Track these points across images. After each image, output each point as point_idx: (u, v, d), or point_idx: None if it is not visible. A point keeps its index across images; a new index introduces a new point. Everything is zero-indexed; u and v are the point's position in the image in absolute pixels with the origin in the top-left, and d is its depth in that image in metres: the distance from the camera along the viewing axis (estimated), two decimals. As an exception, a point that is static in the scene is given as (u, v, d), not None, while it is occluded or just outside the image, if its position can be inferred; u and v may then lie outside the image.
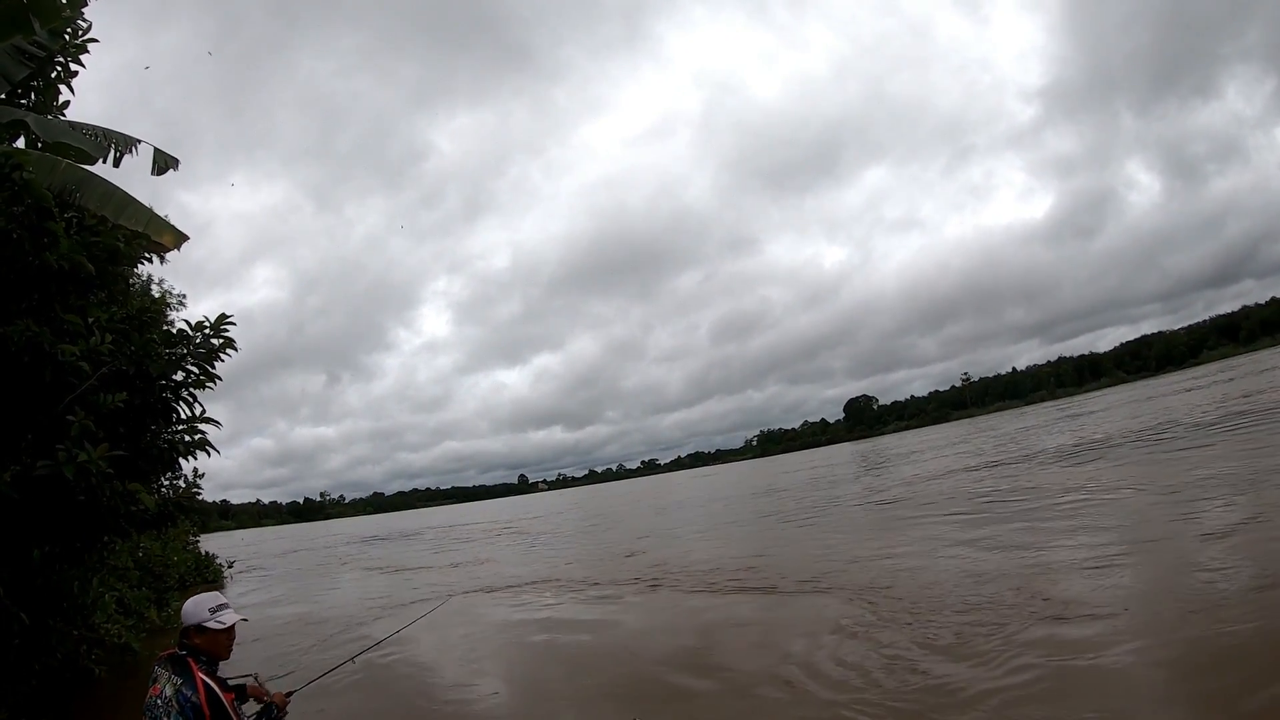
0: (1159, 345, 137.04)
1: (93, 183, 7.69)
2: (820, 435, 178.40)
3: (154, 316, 9.14)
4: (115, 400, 6.47)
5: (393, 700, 8.07)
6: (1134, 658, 6.36)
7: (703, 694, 7.32)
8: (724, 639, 9.29)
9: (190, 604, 3.82)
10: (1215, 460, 15.32)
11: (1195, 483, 13.37)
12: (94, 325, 6.80)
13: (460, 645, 10.52)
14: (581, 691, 7.97)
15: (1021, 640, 7.19)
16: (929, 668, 6.95)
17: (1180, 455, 17.52)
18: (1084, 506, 13.82)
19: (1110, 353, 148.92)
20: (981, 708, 5.90)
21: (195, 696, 3.52)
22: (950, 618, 8.34)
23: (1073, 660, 6.47)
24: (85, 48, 8.97)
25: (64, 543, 7.36)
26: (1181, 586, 7.87)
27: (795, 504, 26.54)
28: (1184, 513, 11.19)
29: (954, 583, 9.84)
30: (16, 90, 8.57)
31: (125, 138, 8.84)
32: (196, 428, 7.70)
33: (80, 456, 5.86)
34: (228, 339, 7.58)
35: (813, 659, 7.74)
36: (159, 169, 9.19)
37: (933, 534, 14.13)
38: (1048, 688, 6.03)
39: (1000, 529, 13.16)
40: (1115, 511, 12.71)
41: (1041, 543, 11.31)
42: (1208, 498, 11.95)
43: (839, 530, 17.57)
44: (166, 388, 7.46)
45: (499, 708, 7.85)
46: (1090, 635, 6.98)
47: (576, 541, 27.58)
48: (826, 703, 6.55)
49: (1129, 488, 14.69)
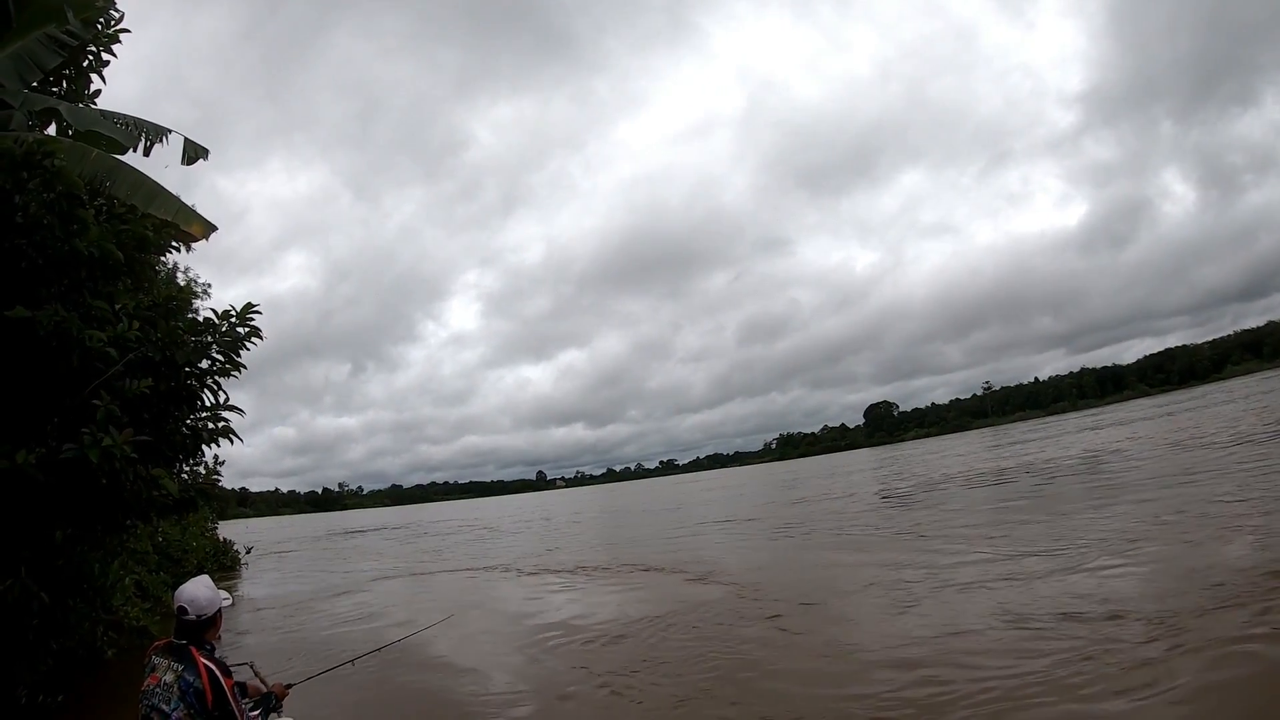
0: (1183, 359, 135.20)
1: (123, 171, 7.77)
2: (840, 440, 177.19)
3: (180, 304, 9.23)
4: (141, 386, 6.51)
5: (387, 700, 8.11)
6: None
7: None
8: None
9: (203, 591, 3.77)
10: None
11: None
12: (121, 312, 6.85)
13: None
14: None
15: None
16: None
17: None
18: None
19: (1134, 365, 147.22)
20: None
21: (198, 681, 3.49)
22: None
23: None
24: (117, 37, 9.10)
25: (86, 525, 7.44)
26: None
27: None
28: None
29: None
30: (49, 78, 8.69)
31: (156, 127, 8.91)
32: (220, 415, 7.75)
33: (105, 441, 5.92)
34: (254, 328, 7.62)
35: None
36: (189, 159, 9.26)
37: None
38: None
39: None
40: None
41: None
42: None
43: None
44: (191, 375, 7.51)
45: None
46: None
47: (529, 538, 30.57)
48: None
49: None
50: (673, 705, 7.09)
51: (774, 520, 24.14)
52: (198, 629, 3.70)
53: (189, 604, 3.69)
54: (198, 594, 3.74)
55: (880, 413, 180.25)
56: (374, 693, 8.09)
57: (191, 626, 3.68)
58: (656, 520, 32.37)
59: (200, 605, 3.71)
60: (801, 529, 20.59)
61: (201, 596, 3.74)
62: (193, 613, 3.68)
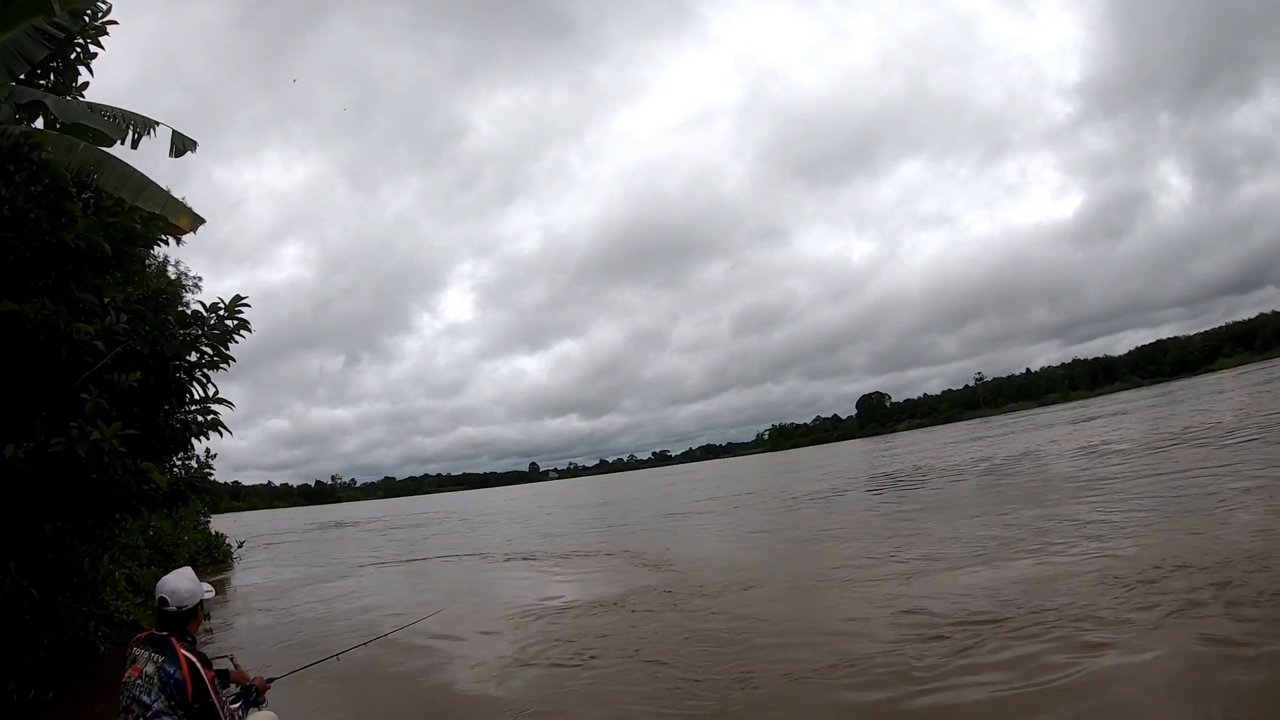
0: (1174, 350, 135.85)
1: (111, 164, 7.74)
2: (832, 431, 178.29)
3: (170, 298, 9.20)
4: (129, 379, 6.50)
5: (369, 694, 8.13)
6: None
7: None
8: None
9: (184, 583, 3.78)
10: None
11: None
12: (110, 305, 6.84)
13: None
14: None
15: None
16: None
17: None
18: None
19: (1125, 356, 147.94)
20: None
21: (178, 672, 3.51)
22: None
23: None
24: (105, 30, 9.04)
25: (75, 519, 7.44)
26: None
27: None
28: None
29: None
30: (36, 71, 8.63)
31: (144, 120, 8.87)
32: (209, 408, 7.76)
33: (93, 434, 5.92)
34: (242, 320, 7.62)
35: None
36: (177, 151, 9.21)
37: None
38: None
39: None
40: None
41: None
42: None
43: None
44: (180, 368, 7.50)
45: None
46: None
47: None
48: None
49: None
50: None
51: (706, 516, 26.13)
52: (179, 620, 3.72)
53: (170, 595, 3.71)
54: (179, 585, 3.76)
55: (873, 404, 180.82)
56: (356, 686, 8.09)
57: (172, 618, 3.70)
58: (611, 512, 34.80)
59: (181, 597, 3.73)
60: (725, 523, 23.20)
61: (183, 588, 3.76)
62: (174, 604, 3.70)
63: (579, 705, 7.00)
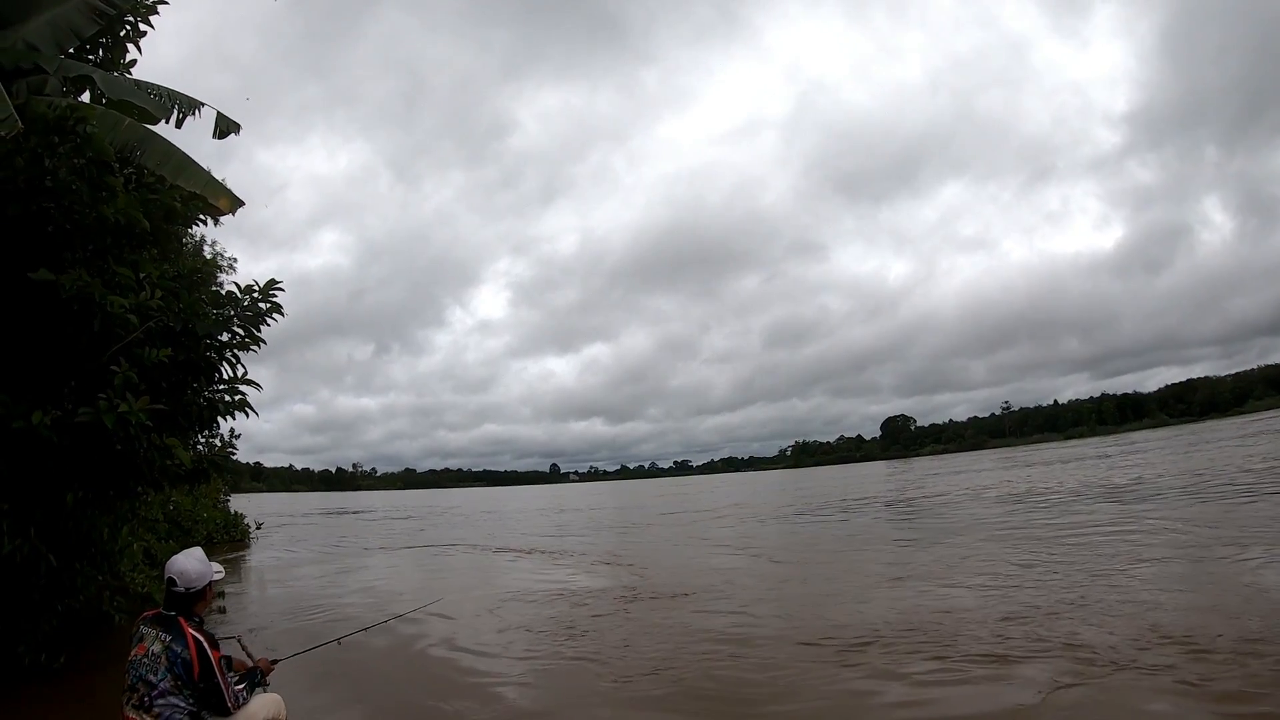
0: (1204, 390, 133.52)
1: (153, 142, 7.83)
2: (855, 451, 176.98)
3: (204, 277, 9.28)
4: (160, 355, 6.54)
5: (373, 677, 8.14)
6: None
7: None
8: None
9: (193, 564, 3.77)
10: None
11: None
12: (145, 280, 6.88)
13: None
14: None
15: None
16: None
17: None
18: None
19: (1155, 393, 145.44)
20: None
21: (185, 652, 3.50)
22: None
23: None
24: (155, 9, 9.16)
25: (97, 490, 7.49)
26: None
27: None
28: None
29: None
30: (85, 46, 8.76)
31: (189, 100, 8.95)
32: (237, 389, 7.79)
33: (121, 407, 5.96)
34: (275, 304, 7.64)
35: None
36: (220, 133, 9.29)
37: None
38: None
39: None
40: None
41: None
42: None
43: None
44: (211, 347, 7.54)
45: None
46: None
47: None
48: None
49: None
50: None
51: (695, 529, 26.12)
52: (187, 601, 3.70)
53: (179, 576, 3.70)
54: (188, 566, 3.75)
55: (897, 426, 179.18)
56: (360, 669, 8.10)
57: (181, 598, 3.69)
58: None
59: (190, 578, 3.72)
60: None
61: (192, 569, 3.75)
62: (182, 585, 3.69)
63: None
